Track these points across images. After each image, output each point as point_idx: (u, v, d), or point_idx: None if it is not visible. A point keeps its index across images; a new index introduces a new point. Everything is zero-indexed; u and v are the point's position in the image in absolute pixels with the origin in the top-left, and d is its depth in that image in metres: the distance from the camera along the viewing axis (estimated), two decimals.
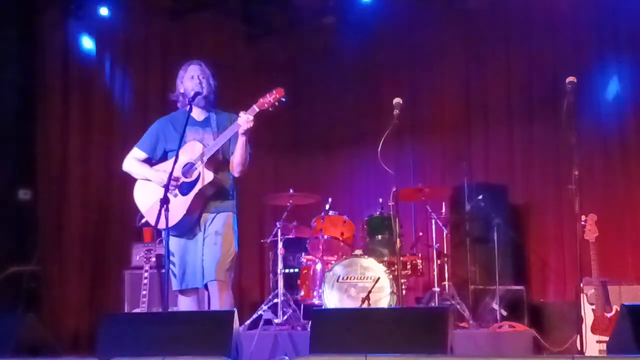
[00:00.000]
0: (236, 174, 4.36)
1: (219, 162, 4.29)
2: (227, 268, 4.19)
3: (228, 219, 4.28)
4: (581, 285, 5.00)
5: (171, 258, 4.20)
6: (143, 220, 4.33)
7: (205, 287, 4.24)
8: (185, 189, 4.19)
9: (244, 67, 8.25)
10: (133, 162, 4.40)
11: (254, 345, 5.56)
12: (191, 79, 4.33)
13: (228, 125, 4.30)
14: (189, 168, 4.22)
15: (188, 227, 4.24)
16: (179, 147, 4.08)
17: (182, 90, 4.39)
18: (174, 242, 4.24)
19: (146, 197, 4.31)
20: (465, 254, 6.70)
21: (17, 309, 6.09)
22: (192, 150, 4.23)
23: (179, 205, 4.16)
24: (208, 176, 4.18)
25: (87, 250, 6.99)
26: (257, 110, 4.19)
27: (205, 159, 4.19)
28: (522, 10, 7.38)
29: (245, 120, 4.13)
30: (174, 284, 4.26)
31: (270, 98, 4.21)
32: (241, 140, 4.21)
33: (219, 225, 4.23)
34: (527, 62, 7.46)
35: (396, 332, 3.43)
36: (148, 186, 4.32)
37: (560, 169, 6.82)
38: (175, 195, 4.17)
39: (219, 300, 4.13)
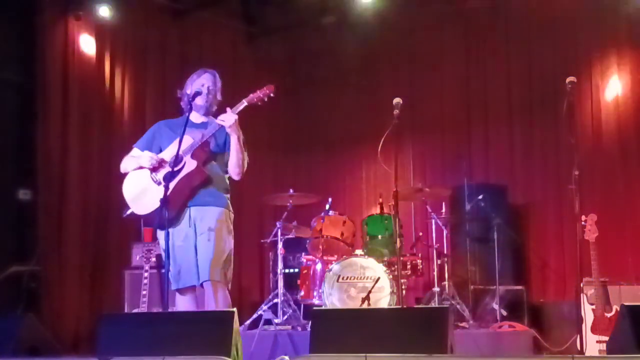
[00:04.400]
0: (235, 177, 4.36)
1: (207, 154, 4.27)
2: (221, 267, 4.15)
3: (221, 215, 4.24)
4: (581, 285, 5.00)
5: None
6: (129, 212, 4.31)
7: (202, 285, 4.23)
8: (170, 179, 4.16)
9: (244, 67, 8.25)
10: (129, 160, 4.40)
11: (254, 345, 5.57)
12: (201, 87, 4.35)
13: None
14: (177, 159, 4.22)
15: (170, 218, 4.08)
16: (179, 148, 4.08)
17: (188, 92, 4.40)
18: (171, 242, 4.21)
19: (132, 185, 4.31)
20: (465, 254, 6.71)
21: (17, 309, 6.10)
22: (184, 144, 4.24)
23: (159, 193, 4.10)
24: (191, 164, 4.18)
25: (87, 250, 6.98)
26: (246, 104, 4.23)
27: (192, 150, 4.19)
28: (522, 10, 7.38)
29: (226, 116, 4.14)
30: (172, 284, 4.25)
31: (260, 94, 4.26)
32: (233, 140, 4.22)
33: (212, 221, 4.20)
34: (527, 62, 7.46)
35: (396, 332, 3.44)
36: (134, 175, 4.32)
37: (560, 169, 6.82)
38: (159, 184, 4.19)
39: (214, 300, 4.11)
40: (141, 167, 4.31)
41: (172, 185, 4.13)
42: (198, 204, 4.24)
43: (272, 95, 4.26)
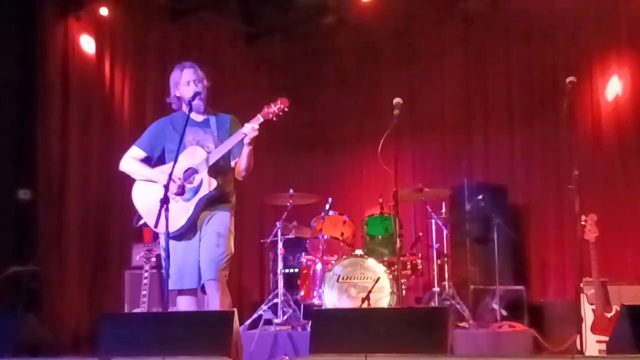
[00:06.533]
0: (240, 178, 4.37)
1: (219, 167, 4.28)
2: (223, 268, 4.19)
3: (228, 220, 4.27)
4: (581, 285, 5.00)
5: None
6: (141, 222, 4.31)
7: (202, 287, 4.23)
8: (186, 194, 4.19)
9: (244, 67, 8.25)
10: (132, 161, 4.37)
11: (254, 345, 5.57)
12: (187, 85, 4.33)
13: (228, 128, 4.32)
14: (190, 173, 4.21)
15: (186, 231, 4.23)
16: (179, 148, 4.06)
17: (178, 95, 4.38)
18: (170, 242, 4.21)
19: (146, 199, 4.28)
20: (465, 254, 6.70)
21: (17, 309, 6.09)
22: (193, 155, 4.21)
23: (181, 211, 4.15)
24: (212, 183, 4.17)
25: (87, 250, 6.98)
26: (262, 119, 4.19)
27: (208, 165, 4.18)
28: (522, 11, 7.38)
29: (250, 129, 4.13)
30: (170, 283, 4.24)
31: (275, 108, 4.22)
32: (247, 149, 4.21)
33: (220, 226, 4.22)
34: (527, 62, 7.47)
35: (396, 332, 3.43)
36: (148, 188, 4.29)
37: (560, 169, 6.82)
38: (177, 201, 4.16)
39: (219, 300, 4.12)
40: (152, 181, 4.28)
41: (192, 205, 4.15)
42: (206, 210, 4.24)
43: (286, 110, 4.23)
